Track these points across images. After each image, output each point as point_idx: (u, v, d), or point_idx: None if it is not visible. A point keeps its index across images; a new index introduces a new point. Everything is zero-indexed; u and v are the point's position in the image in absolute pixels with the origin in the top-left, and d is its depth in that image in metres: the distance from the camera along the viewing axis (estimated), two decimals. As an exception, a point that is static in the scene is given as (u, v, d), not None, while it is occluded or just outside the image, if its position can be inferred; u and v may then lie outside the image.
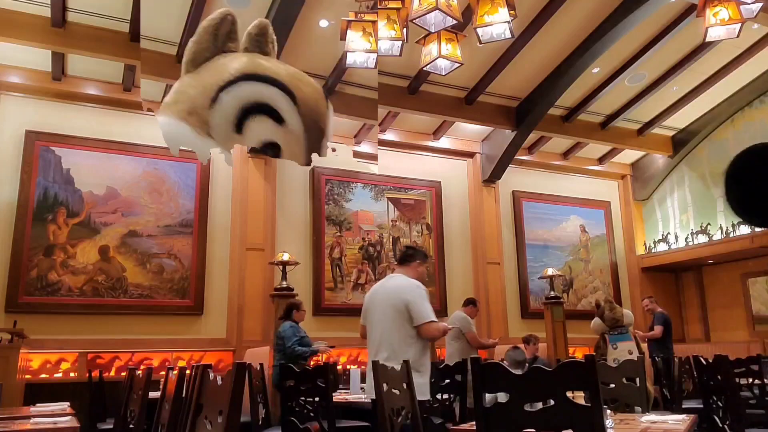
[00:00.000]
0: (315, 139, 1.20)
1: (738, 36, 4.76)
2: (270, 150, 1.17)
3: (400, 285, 3.22)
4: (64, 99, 6.32)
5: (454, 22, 3.98)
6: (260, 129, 1.14)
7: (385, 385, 2.49)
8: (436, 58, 4.46)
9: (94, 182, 6.31)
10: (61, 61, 6.02)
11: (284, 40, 5.36)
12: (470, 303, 6.22)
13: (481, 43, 4.38)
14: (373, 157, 7.60)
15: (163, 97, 6.50)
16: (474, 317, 6.07)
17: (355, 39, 4.25)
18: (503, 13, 4.04)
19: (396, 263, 3.49)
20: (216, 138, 1.16)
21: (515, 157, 8.20)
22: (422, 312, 3.10)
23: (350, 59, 4.36)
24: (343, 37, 4.30)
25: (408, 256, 3.39)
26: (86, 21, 5.57)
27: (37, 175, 6.09)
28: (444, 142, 8.24)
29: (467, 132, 8.25)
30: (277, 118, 1.13)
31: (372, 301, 3.31)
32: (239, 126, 1.13)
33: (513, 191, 8.67)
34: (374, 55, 4.33)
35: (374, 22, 4.23)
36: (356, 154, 7.65)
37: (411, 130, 7.93)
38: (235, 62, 1.18)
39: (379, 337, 3.17)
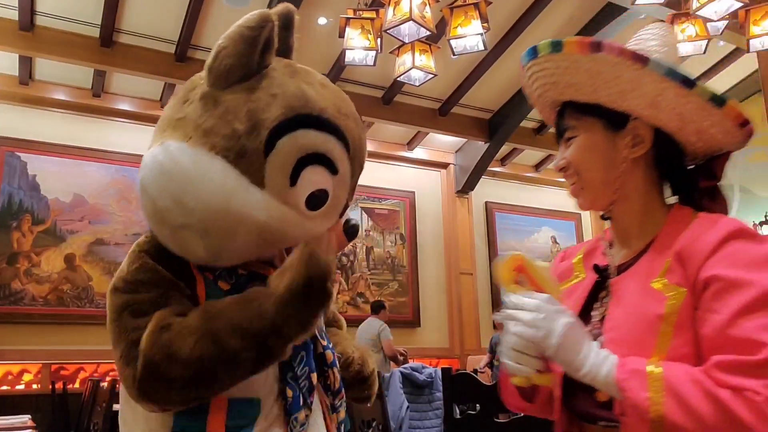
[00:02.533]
0: (357, 179, 1.10)
1: (705, 52, 4.89)
2: (317, 198, 1.00)
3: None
4: (32, 104, 6.19)
5: (428, 33, 4.01)
6: (314, 179, 0.98)
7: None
8: (410, 69, 4.49)
9: (61, 189, 6.17)
10: (28, 65, 5.90)
11: None
12: (382, 307, 6.15)
13: (454, 55, 4.42)
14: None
15: (162, 97, 6.50)
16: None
17: (354, 36, 4.26)
18: (476, 25, 4.09)
19: None
20: (270, 191, 0.96)
21: (488, 168, 8.27)
22: None
23: (349, 57, 4.37)
24: (341, 35, 4.31)
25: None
26: (55, 25, 5.47)
27: (2, 182, 5.94)
28: (418, 153, 8.27)
29: (441, 143, 8.29)
30: (331, 167, 1.00)
31: None
32: (294, 178, 0.97)
33: (486, 202, 8.73)
34: (373, 53, 4.36)
35: (373, 20, 4.24)
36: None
37: (385, 141, 7.94)
38: (287, 93, 0.98)
39: None
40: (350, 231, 1.09)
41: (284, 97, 0.98)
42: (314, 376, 1.03)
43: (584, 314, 1.05)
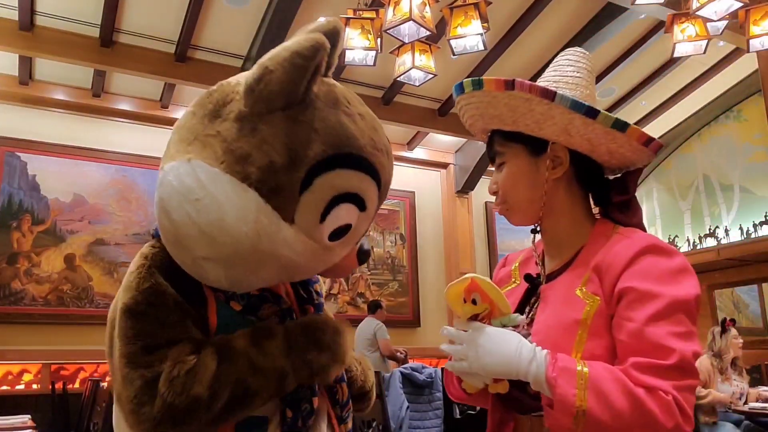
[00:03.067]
0: (378, 209, 1.09)
1: (705, 52, 4.89)
2: (341, 231, 0.99)
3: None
4: (31, 104, 6.18)
5: (428, 33, 4.01)
6: (342, 216, 0.96)
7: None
8: (410, 69, 4.48)
9: (61, 189, 6.17)
10: (28, 65, 5.90)
11: (282, 37, 5.35)
12: (379, 307, 6.15)
13: (454, 55, 4.42)
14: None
15: (162, 97, 6.50)
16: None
17: (354, 36, 4.26)
18: (476, 25, 4.09)
19: None
20: (299, 227, 0.93)
21: (488, 168, 8.27)
22: None
23: (349, 57, 4.37)
24: (341, 35, 4.31)
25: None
26: (55, 25, 5.47)
27: (2, 182, 5.93)
28: (418, 153, 8.27)
29: (441, 143, 8.29)
30: (361, 206, 0.98)
31: None
32: (324, 216, 0.94)
33: (486, 202, 8.72)
34: (373, 53, 4.35)
35: (373, 20, 4.24)
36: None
37: (385, 140, 7.94)
38: (327, 130, 0.94)
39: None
40: (362, 257, 1.09)
41: (325, 133, 0.93)
42: (316, 401, 1.03)
43: None
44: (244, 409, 0.91)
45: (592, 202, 1.19)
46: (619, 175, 1.18)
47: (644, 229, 1.12)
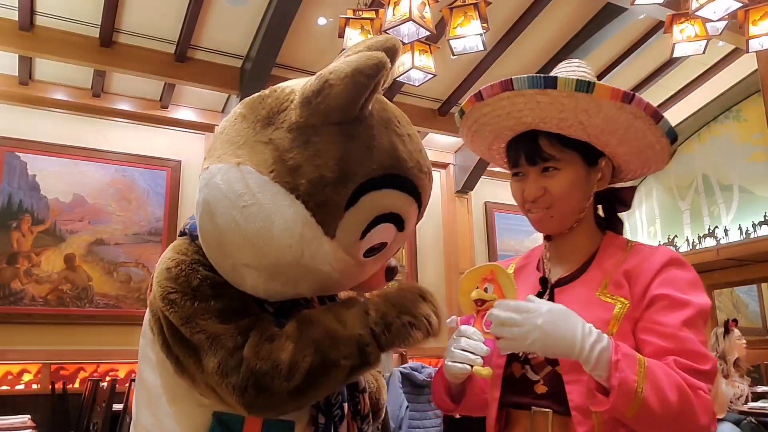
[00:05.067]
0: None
1: (704, 52, 4.89)
2: (376, 248, 0.99)
3: None
4: (31, 104, 6.18)
5: (428, 33, 4.01)
6: (381, 235, 0.97)
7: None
8: (410, 69, 4.48)
9: (61, 189, 6.17)
10: (28, 65, 5.90)
11: (282, 38, 5.36)
12: None
13: (454, 55, 4.42)
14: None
15: (162, 97, 6.51)
16: None
17: (354, 37, 4.26)
18: (476, 25, 4.09)
19: None
20: (339, 243, 0.93)
21: (488, 168, 8.27)
22: None
23: (349, 57, 4.37)
24: (341, 35, 4.31)
25: None
26: (55, 25, 5.47)
27: (1, 182, 5.93)
28: (417, 153, 8.26)
29: (440, 143, 8.29)
30: (400, 225, 1.00)
31: None
32: (365, 234, 0.95)
33: (485, 202, 8.72)
34: None
35: (372, 20, 4.24)
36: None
37: (384, 141, 7.94)
38: (381, 149, 0.95)
39: None
40: (390, 274, 1.11)
41: (378, 152, 0.94)
42: (346, 406, 1.04)
43: None
44: (328, 379, 0.90)
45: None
46: (617, 186, 1.23)
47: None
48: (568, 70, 1.19)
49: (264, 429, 0.94)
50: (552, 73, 1.18)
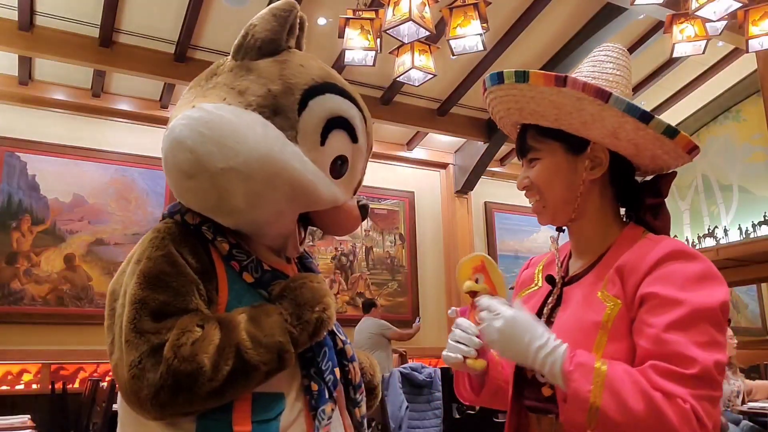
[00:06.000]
0: (366, 161, 1.19)
1: (704, 52, 4.89)
2: (339, 165, 1.10)
3: None
4: (31, 104, 6.18)
5: (428, 33, 4.01)
6: (338, 145, 1.08)
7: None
8: (410, 69, 4.48)
9: (60, 189, 6.17)
10: (28, 65, 5.90)
11: None
12: (373, 305, 6.24)
13: (454, 55, 4.43)
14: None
15: (162, 97, 6.49)
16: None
17: (354, 36, 4.26)
18: (476, 25, 4.09)
19: None
20: (302, 148, 1.03)
21: (487, 168, 8.27)
22: None
23: (348, 57, 4.37)
24: (341, 35, 4.31)
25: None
26: (55, 25, 5.47)
27: (1, 182, 5.93)
28: (417, 153, 8.27)
29: (440, 143, 8.29)
30: (352, 135, 1.10)
31: None
32: (323, 139, 1.06)
33: (485, 202, 8.72)
34: (372, 53, 4.36)
35: (372, 20, 4.25)
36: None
37: (384, 141, 7.94)
38: (313, 67, 1.10)
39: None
40: (363, 211, 1.18)
41: (310, 69, 1.09)
42: (337, 371, 1.07)
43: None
44: (246, 382, 0.93)
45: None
46: (649, 178, 1.16)
47: (669, 235, 1.11)
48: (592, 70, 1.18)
49: (253, 403, 0.96)
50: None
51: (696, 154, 1.09)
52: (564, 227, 1.17)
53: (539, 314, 1.13)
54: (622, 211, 1.17)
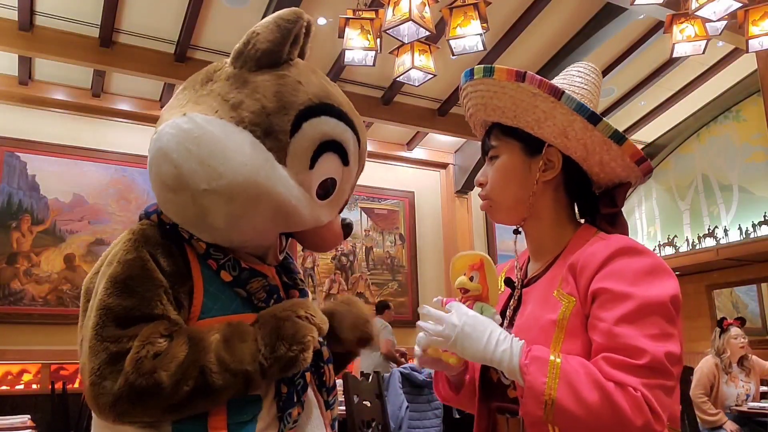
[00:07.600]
0: (357, 180, 1.16)
1: (704, 52, 4.89)
2: (327, 186, 1.07)
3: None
4: (31, 104, 6.19)
5: (428, 33, 4.01)
6: (328, 167, 1.05)
7: (355, 397, 2.47)
8: (410, 69, 4.48)
9: (61, 189, 6.17)
10: (28, 65, 5.90)
11: None
12: (387, 308, 6.17)
13: (454, 55, 4.43)
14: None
15: (162, 97, 6.50)
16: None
17: (354, 37, 4.26)
18: (476, 25, 4.09)
19: None
20: (290, 171, 1.00)
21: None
22: None
23: (348, 57, 4.37)
24: (341, 35, 4.31)
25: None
26: (55, 25, 5.47)
27: (1, 182, 5.94)
28: (417, 153, 8.28)
29: (440, 143, 8.30)
30: (344, 158, 1.07)
31: None
32: (313, 162, 1.02)
33: (485, 202, 8.72)
34: (372, 53, 4.36)
35: (372, 20, 4.25)
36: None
37: (384, 141, 7.95)
38: (312, 84, 1.05)
39: None
40: (346, 229, 1.16)
41: (309, 86, 1.04)
42: (308, 375, 1.05)
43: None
44: (207, 402, 0.91)
45: (577, 212, 1.20)
46: (605, 190, 1.18)
47: None
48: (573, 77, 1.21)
49: (229, 406, 0.95)
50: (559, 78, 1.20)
51: (648, 170, 1.11)
52: (520, 229, 1.18)
53: (502, 316, 1.15)
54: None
